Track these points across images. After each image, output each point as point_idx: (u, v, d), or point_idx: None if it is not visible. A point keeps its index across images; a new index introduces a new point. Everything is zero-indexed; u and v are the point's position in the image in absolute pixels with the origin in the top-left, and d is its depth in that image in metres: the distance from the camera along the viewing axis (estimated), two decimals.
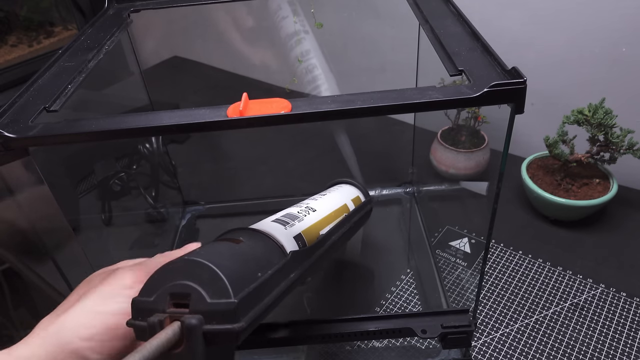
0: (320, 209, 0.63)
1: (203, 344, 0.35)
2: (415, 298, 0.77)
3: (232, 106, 0.41)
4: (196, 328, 0.35)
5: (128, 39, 0.76)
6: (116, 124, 0.41)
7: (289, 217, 0.58)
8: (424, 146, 1.00)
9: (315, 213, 0.61)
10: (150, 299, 0.37)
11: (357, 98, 0.41)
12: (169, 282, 0.37)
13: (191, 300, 0.36)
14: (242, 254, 0.44)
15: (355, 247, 0.84)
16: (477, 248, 0.85)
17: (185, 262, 0.39)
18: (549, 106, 0.97)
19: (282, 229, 0.54)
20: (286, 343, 0.60)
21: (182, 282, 0.37)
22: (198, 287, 0.36)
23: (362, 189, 0.73)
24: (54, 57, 0.54)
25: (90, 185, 1.01)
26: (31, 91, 0.49)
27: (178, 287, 0.37)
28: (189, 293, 0.36)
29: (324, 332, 0.59)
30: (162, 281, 0.38)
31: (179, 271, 0.38)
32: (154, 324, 0.36)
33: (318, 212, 0.62)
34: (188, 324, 0.35)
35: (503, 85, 0.40)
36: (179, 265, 0.39)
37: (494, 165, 0.98)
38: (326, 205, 0.64)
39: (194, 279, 0.37)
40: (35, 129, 0.42)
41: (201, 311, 0.36)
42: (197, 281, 0.37)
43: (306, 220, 0.59)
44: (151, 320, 0.36)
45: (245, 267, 0.42)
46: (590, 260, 0.82)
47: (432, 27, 0.54)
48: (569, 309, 0.74)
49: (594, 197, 0.84)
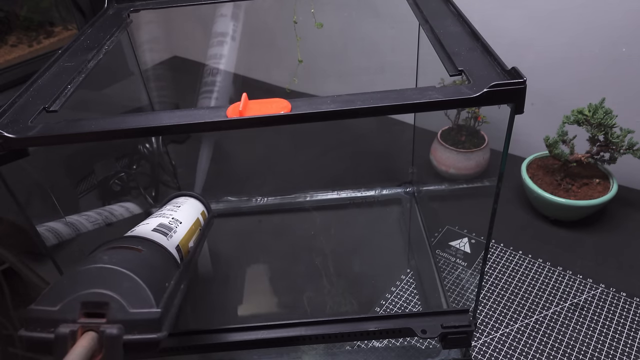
0: (184, 222, 0.61)
1: (122, 355, 0.34)
2: (415, 298, 0.77)
3: (231, 106, 0.41)
4: (117, 338, 0.33)
5: (128, 39, 0.76)
6: (116, 124, 0.41)
7: (165, 228, 0.56)
8: (424, 146, 1.00)
9: (182, 225, 0.60)
10: (54, 308, 0.35)
11: (357, 98, 0.41)
12: (79, 291, 0.35)
13: (109, 310, 0.34)
14: (149, 263, 0.43)
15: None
16: (477, 248, 0.85)
17: (99, 269, 0.37)
18: (548, 106, 0.97)
19: (166, 240, 0.53)
20: (286, 343, 0.60)
21: (99, 291, 0.35)
22: (117, 296, 0.35)
23: (206, 204, 0.72)
24: (53, 57, 0.54)
25: (90, 185, 1.01)
26: (31, 91, 0.49)
27: (93, 296, 0.35)
28: (106, 302, 0.35)
29: (323, 332, 0.59)
30: (70, 290, 0.36)
31: (91, 279, 0.36)
32: (64, 335, 0.34)
33: (183, 224, 0.61)
34: (109, 334, 0.33)
35: (503, 86, 0.40)
36: (91, 272, 0.37)
37: (494, 165, 0.98)
38: (186, 218, 0.63)
39: (112, 287, 0.35)
40: (35, 129, 0.42)
41: (121, 321, 0.34)
42: (115, 290, 0.35)
43: (178, 232, 0.58)
44: (60, 331, 0.34)
45: (154, 276, 0.41)
46: (590, 260, 0.82)
47: (432, 27, 0.54)
48: (569, 309, 0.74)
49: (594, 197, 0.84)
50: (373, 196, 0.96)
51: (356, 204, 0.96)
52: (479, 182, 0.97)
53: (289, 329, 0.60)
